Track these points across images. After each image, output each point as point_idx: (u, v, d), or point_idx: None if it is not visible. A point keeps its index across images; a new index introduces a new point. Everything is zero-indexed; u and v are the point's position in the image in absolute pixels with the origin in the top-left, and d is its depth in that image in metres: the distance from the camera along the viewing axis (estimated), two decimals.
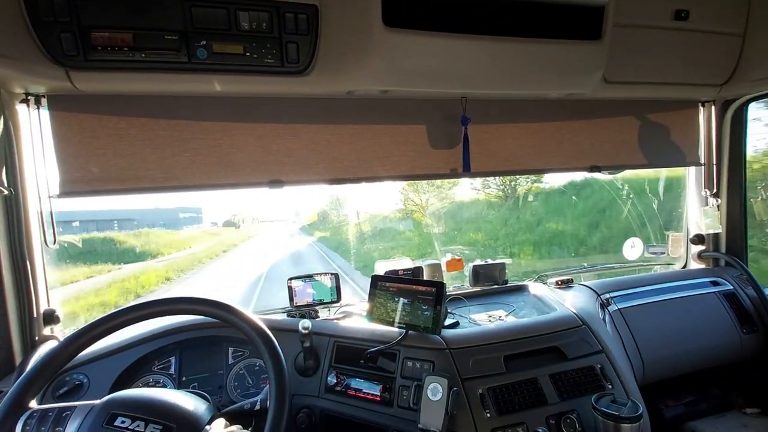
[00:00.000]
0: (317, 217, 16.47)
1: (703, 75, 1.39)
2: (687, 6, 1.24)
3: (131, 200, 17.80)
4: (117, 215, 12.05)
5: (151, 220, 14.75)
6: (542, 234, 6.51)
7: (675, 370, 1.37)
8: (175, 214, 16.98)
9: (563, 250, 5.97)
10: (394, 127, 1.34)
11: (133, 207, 14.63)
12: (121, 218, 12.22)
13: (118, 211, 12.23)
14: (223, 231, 18.46)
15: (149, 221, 14.24)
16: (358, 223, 8.08)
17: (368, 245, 7.68)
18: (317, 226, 16.07)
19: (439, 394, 0.95)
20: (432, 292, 1.11)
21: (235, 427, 0.76)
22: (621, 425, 0.92)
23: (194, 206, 19.13)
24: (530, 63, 1.11)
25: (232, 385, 1.17)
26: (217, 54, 0.96)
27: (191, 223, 17.57)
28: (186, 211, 17.82)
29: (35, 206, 1.09)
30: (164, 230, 13.77)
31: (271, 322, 1.20)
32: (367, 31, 0.97)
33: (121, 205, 15.72)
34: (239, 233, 18.73)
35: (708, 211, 1.67)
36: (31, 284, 1.09)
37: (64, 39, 0.88)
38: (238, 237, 17.32)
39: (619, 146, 1.57)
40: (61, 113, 1.06)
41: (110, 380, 1.08)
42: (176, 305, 0.86)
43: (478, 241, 6.74)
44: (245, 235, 18.50)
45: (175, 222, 16.56)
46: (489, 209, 7.41)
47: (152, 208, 16.10)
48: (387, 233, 8.07)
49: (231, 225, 19.90)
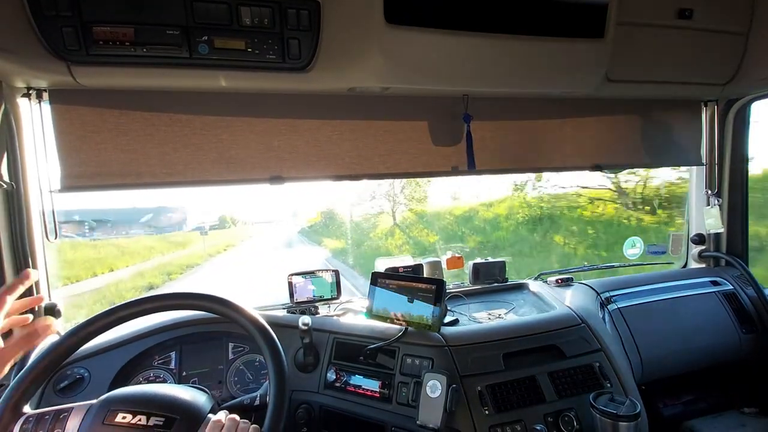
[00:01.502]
0: (321, 217, 14.24)
1: (707, 74, 1.38)
2: (691, 4, 1.23)
3: (107, 199, 16.48)
4: (93, 215, 11.13)
5: (129, 220, 13.51)
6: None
7: (674, 369, 1.37)
8: (157, 213, 15.14)
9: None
10: (395, 124, 1.34)
11: (109, 206, 13.23)
12: (98, 218, 11.11)
13: (94, 211, 11.24)
14: (201, 237, 15.34)
15: (127, 222, 12.98)
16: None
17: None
18: (324, 230, 13.10)
19: (438, 391, 0.96)
20: (432, 289, 1.11)
21: (236, 416, 0.77)
22: (619, 423, 0.92)
23: (176, 206, 16.97)
24: (533, 61, 1.11)
25: (232, 380, 1.18)
26: (218, 49, 0.96)
27: (173, 225, 15.50)
28: (168, 211, 15.82)
29: (36, 201, 1.10)
30: (143, 234, 12.29)
31: (271, 318, 1.20)
32: (369, 28, 0.96)
33: (98, 204, 14.53)
34: (227, 236, 16.08)
35: (710, 211, 1.66)
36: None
37: (66, 33, 0.87)
38: (213, 246, 13.75)
39: (622, 145, 1.56)
40: (63, 108, 1.06)
41: (111, 374, 1.08)
42: (177, 300, 0.86)
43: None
44: (221, 246, 14.52)
45: (159, 224, 14.80)
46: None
47: (129, 208, 14.83)
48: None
49: (218, 228, 17.67)
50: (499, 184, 7.29)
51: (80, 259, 9.19)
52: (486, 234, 6.91)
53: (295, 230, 18.43)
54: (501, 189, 7.14)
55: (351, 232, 10.04)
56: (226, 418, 0.75)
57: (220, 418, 0.75)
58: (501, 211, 7.04)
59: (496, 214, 7.10)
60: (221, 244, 14.72)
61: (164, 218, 15.75)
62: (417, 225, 8.54)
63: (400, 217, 8.91)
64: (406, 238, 8.26)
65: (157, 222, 15.32)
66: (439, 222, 8.10)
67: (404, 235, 8.31)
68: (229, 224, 19.17)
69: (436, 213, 8.38)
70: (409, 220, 8.89)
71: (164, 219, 15.71)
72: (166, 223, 15.60)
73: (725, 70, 1.38)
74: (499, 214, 7.05)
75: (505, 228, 6.73)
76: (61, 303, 1.16)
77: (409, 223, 8.77)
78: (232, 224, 19.24)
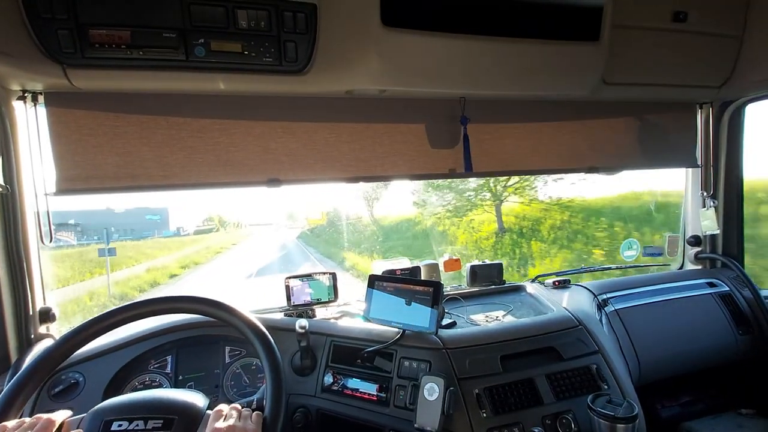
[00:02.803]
0: (325, 218, 11.73)
1: (701, 77, 1.39)
2: (685, 8, 1.24)
3: (78, 200, 15.23)
4: (58, 217, 10.34)
5: (104, 223, 12.37)
6: None
7: (671, 371, 1.38)
8: (139, 216, 13.83)
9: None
10: (392, 127, 1.34)
11: (80, 208, 12.09)
12: (62, 222, 9.84)
13: (58, 213, 10.51)
14: (186, 241, 13.60)
15: (100, 225, 11.84)
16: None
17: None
18: (337, 239, 10.78)
19: (435, 393, 0.95)
20: (429, 292, 1.11)
21: (237, 405, 0.77)
22: (617, 425, 0.92)
23: (159, 207, 15.49)
24: (529, 64, 1.12)
25: (228, 384, 1.17)
26: (215, 52, 0.96)
27: (154, 229, 14.13)
28: (145, 213, 14.41)
29: (32, 204, 1.09)
30: (116, 240, 10.79)
31: (268, 321, 1.20)
32: (366, 31, 0.97)
33: (65, 206, 13.46)
34: (212, 241, 13.81)
35: (705, 213, 1.67)
36: (27, 282, 1.09)
37: (62, 36, 0.87)
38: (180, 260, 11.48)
39: (618, 147, 1.57)
40: (58, 111, 1.06)
41: (106, 379, 1.07)
42: (173, 304, 0.86)
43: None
44: (189, 259, 12.03)
45: (136, 227, 13.49)
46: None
47: (102, 209, 13.76)
48: None
49: (203, 232, 15.79)
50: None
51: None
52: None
53: (292, 235, 16.70)
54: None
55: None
56: (228, 408, 0.75)
57: (221, 408, 0.75)
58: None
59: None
60: (190, 257, 12.40)
61: (141, 221, 14.53)
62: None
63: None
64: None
65: (133, 225, 14.18)
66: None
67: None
68: (217, 227, 17.40)
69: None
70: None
71: (141, 222, 14.50)
72: (143, 227, 14.38)
73: (720, 73, 1.39)
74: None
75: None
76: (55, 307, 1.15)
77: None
78: (220, 226, 17.44)
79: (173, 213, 16.09)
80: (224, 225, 18.12)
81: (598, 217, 6.30)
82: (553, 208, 6.86)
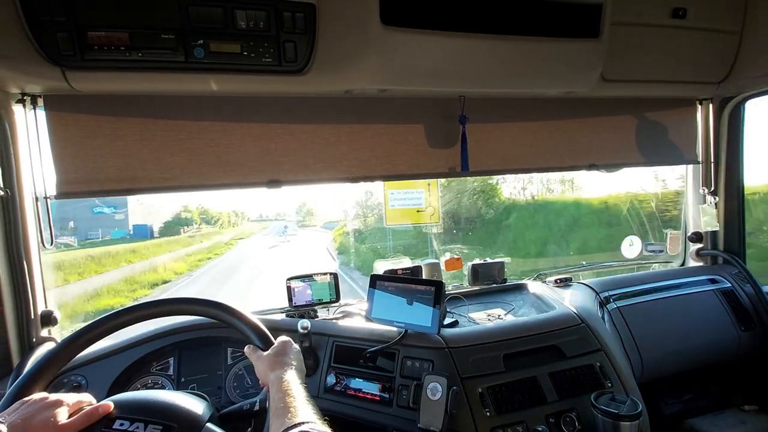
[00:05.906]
0: (361, 217, 7.48)
1: (701, 73, 1.39)
2: (684, 4, 1.24)
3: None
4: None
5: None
6: None
7: (674, 368, 1.37)
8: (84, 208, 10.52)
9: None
10: (392, 126, 1.34)
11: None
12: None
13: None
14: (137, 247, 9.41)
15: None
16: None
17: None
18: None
19: (438, 393, 0.95)
20: (431, 291, 1.10)
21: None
22: (620, 423, 0.92)
23: (115, 203, 11.58)
24: (528, 61, 1.11)
25: (231, 386, 1.17)
26: (214, 53, 0.96)
27: (100, 229, 10.71)
28: (98, 211, 11.14)
29: (32, 207, 1.09)
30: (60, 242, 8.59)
31: (269, 322, 1.20)
32: (365, 30, 0.96)
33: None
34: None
35: (706, 209, 1.67)
36: (29, 285, 1.08)
37: (60, 38, 0.87)
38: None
39: (618, 145, 1.57)
40: (58, 113, 1.06)
41: (109, 381, 1.07)
42: (174, 306, 0.86)
43: None
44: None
45: (79, 223, 10.36)
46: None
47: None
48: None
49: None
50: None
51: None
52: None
53: (326, 241, 10.08)
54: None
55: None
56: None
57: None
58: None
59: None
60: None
61: (86, 215, 11.40)
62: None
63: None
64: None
65: (75, 218, 11.17)
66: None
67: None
68: (192, 224, 12.33)
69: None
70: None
71: (91, 221, 11.42)
72: (88, 226, 11.24)
73: (719, 69, 1.38)
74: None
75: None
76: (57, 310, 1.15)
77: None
78: (195, 224, 12.25)
79: (134, 205, 11.99)
80: (213, 221, 13.37)
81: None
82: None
